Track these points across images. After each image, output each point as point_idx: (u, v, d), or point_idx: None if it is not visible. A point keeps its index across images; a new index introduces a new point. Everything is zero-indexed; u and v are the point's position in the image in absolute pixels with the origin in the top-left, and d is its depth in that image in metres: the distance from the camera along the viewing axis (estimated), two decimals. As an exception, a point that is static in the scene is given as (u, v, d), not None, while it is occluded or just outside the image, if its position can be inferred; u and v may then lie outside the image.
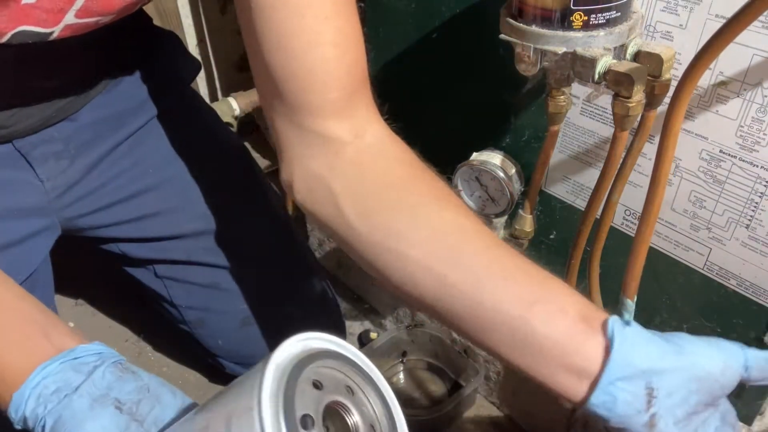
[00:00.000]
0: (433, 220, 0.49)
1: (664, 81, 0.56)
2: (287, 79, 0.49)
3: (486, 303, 0.45)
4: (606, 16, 0.55)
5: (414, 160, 0.54)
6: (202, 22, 1.35)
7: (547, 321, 0.44)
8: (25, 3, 0.51)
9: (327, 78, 0.49)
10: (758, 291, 0.67)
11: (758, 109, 0.59)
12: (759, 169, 0.61)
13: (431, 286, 0.47)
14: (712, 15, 0.58)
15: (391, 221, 0.49)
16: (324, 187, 0.51)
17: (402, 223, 0.49)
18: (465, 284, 0.46)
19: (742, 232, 0.65)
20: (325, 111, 0.51)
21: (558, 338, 0.43)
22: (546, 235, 0.85)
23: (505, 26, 0.59)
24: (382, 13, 0.89)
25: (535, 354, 0.44)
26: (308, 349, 0.35)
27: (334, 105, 0.51)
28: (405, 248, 0.48)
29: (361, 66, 0.52)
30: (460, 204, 0.53)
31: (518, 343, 0.44)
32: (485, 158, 0.76)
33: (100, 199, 0.74)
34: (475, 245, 0.48)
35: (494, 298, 0.45)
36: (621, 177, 0.62)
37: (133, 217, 0.77)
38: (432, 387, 1.01)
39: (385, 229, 0.49)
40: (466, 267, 0.46)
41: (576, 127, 0.74)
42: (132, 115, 0.75)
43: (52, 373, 0.43)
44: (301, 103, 0.50)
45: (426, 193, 0.52)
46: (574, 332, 0.43)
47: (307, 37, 0.48)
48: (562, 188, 0.80)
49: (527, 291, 0.45)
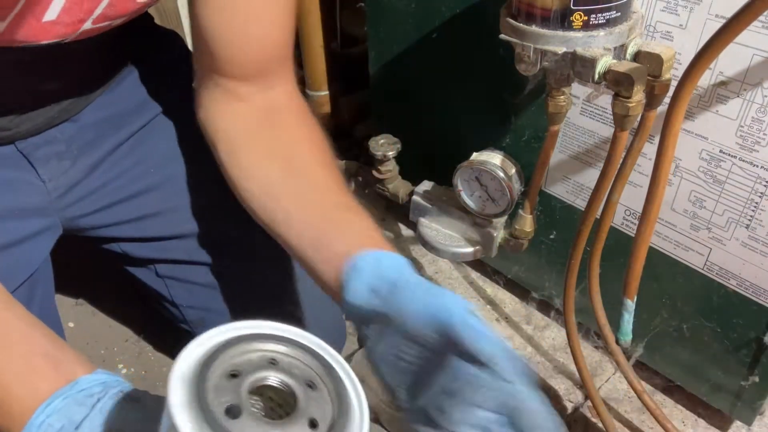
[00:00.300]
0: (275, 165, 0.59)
1: (664, 81, 0.56)
2: (223, 46, 0.59)
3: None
4: (606, 16, 0.55)
5: (303, 126, 0.63)
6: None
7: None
8: (46, 21, 0.51)
9: (255, 53, 0.60)
10: (758, 291, 0.67)
11: (758, 109, 0.59)
12: (759, 169, 0.61)
13: (267, 219, 0.59)
14: (712, 15, 0.58)
15: (246, 162, 0.60)
16: (213, 124, 0.63)
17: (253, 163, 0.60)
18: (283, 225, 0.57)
19: (742, 232, 0.65)
20: (246, 77, 0.61)
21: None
22: (546, 235, 0.85)
23: (505, 26, 0.59)
24: (382, 13, 0.89)
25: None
26: (211, 346, 0.35)
27: (255, 74, 0.61)
28: (246, 184, 0.60)
29: (288, 44, 0.62)
30: (317, 160, 0.61)
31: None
32: (485, 158, 0.76)
33: (102, 198, 0.74)
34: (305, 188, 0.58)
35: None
36: (621, 177, 0.62)
37: (134, 216, 0.77)
38: (432, 387, 1.01)
39: (240, 166, 0.61)
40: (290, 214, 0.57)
41: (576, 127, 0.74)
42: (134, 114, 0.75)
43: (56, 411, 0.42)
44: (227, 68, 0.60)
45: (291, 143, 0.61)
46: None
47: (246, 15, 0.58)
48: (562, 188, 0.80)
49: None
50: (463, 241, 0.82)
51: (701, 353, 0.76)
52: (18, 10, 0.49)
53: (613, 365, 0.87)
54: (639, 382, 0.76)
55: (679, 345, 0.78)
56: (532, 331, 0.94)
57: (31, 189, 0.69)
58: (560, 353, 0.90)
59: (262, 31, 0.60)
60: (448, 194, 0.82)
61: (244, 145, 0.61)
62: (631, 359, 0.80)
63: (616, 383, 0.86)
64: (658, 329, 0.78)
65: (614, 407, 0.83)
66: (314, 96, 1.22)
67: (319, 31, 1.14)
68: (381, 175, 0.88)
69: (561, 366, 0.88)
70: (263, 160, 0.60)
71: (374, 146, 0.86)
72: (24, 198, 0.69)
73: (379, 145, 0.85)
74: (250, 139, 0.61)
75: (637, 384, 0.76)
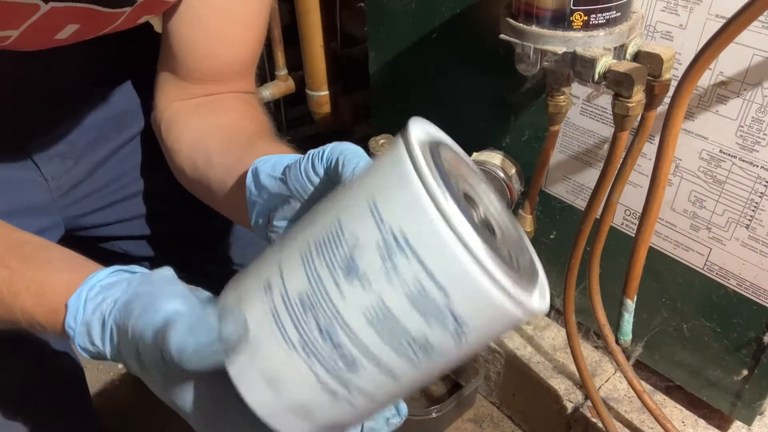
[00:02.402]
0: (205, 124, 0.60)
1: (664, 81, 0.56)
2: (188, 57, 0.61)
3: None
4: (606, 16, 0.55)
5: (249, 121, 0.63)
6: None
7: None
8: (58, 38, 0.53)
9: (217, 70, 0.62)
10: (758, 291, 0.67)
11: (758, 109, 0.59)
12: (759, 169, 0.61)
13: (191, 170, 0.59)
14: (712, 15, 0.58)
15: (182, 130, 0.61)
16: (161, 110, 0.64)
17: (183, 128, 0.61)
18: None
19: (742, 232, 0.65)
20: (203, 83, 0.63)
21: None
22: (546, 235, 0.85)
23: (505, 26, 0.59)
24: (382, 13, 0.89)
25: None
26: (432, 135, 0.32)
27: (212, 82, 0.63)
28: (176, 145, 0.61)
29: (253, 60, 0.65)
30: (247, 118, 0.61)
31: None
32: (485, 158, 0.76)
33: (104, 198, 0.75)
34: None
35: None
36: (621, 177, 0.62)
37: (135, 215, 0.77)
38: (432, 387, 1.01)
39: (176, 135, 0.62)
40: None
41: (576, 127, 0.74)
42: (135, 116, 0.75)
43: (106, 275, 0.40)
44: (186, 74, 0.62)
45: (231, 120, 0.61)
46: None
47: (214, 35, 0.60)
48: (562, 188, 0.80)
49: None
50: (463, 241, 0.82)
51: (701, 353, 0.76)
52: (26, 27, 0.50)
53: (613, 365, 0.87)
54: (639, 382, 0.76)
55: (679, 345, 0.78)
56: (532, 331, 0.94)
57: (35, 187, 0.70)
58: (560, 353, 0.90)
59: (228, 51, 0.62)
60: (448, 194, 0.83)
61: (181, 118, 0.63)
62: (631, 359, 0.80)
63: (616, 383, 0.86)
64: (658, 329, 0.78)
65: (614, 407, 0.83)
66: (314, 96, 1.22)
67: (319, 31, 1.14)
68: (381, 175, 0.88)
69: (561, 366, 0.88)
70: (194, 123, 0.61)
71: (374, 146, 0.85)
72: (28, 196, 0.69)
73: (379, 145, 0.85)
74: (187, 113, 0.63)
75: (637, 384, 0.76)
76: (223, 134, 0.58)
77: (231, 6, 0.60)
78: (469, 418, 0.97)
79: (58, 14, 0.51)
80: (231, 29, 0.61)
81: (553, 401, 0.87)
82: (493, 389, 0.97)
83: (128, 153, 0.75)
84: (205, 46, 0.61)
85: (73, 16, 0.53)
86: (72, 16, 0.53)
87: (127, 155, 0.75)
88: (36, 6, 0.49)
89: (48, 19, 0.51)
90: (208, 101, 0.63)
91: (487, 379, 0.97)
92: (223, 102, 0.63)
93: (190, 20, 0.59)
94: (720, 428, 0.80)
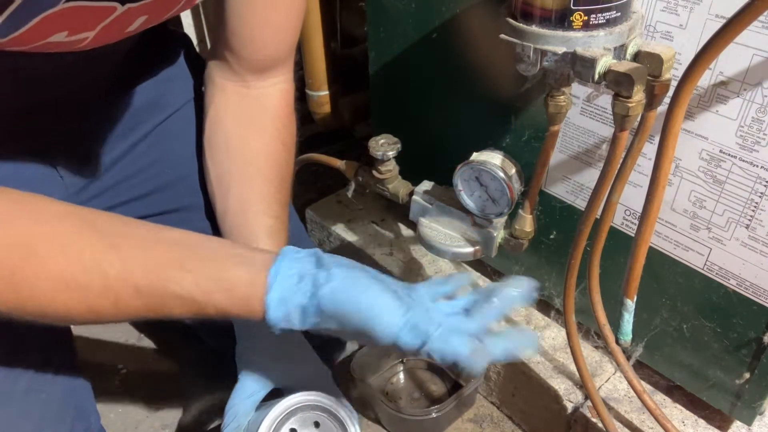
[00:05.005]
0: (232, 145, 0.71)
1: (664, 81, 0.56)
2: (244, 43, 0.68)
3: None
4: (606, 16, 0.55)
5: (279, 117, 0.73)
6: (202, 22, 1.35)
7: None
8: (128, 31, 0.55)
9: (268, 49, 0.70)
10: (758, 291, 0.67)
11: (758, 109, 0.59)
12: (759, 169, 0.61)
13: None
14: (712, 15, 0.58)
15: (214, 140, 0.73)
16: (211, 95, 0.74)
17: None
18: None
19: (742, 232, 0.65)
20: (255, 70, 0.71)
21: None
22: (546, 235, 0.85)
23: (505, 26, 0.59)
24: (382, 13, 0.89)
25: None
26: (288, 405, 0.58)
27: (264, 67, 0.71)
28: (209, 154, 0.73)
29: (293, 43, 0.72)
30: (273, 144, 0.72)
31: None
32: (485, 158, 0.76)
33: (116, 196, 0.76)
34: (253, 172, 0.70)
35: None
36: (621, 177, 0.62)
37: (147, 213, 0.78)
38: (432, 387, 1.01)
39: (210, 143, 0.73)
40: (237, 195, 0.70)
41: (576, 127, 0.74)
42: (148, 114, 0.76)
43: (298, 259, 0.49)
44: (245, 62, 0.70)
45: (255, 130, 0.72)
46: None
47: (262, 19, 0.68)
48: (562, 188, 0.80)
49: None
50: (463, 241, 0.82)
51: (701, 353, 0.76)
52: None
53: (613, 365, 0.87)
54: (639, 382, 0.76)
55: (679, 345, 0.78)
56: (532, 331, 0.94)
57: (50, 183, 0.71)
58: (560, 353, 0.90)
59: (274, 36, 0.70)
60: (448, 194, 0.82)
61: (220, 130, 0.72)
62: (631, 359, 0.80)
63: (616, 383, 0.86)
64: (658, 329, 0.78)
65: (614, 407, 0.83)
66: (314, 96, 1.22)
67: (319, 31, 1.14)
68: (381, 175, 0.88)
69: (561, 366, 0.88)
70: (227, 142, 0.72)
71: (374, 146, 0.85)
72: (43, 192, 0.70)
73: (379, 145, 0.85)
74: (227, 124, 0.72)
75: (637, 384, 0.76)
76: (243, 175, 0.70)
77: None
78: (469, 418, 0.97)
79: (132, 12, 0.53)
80: (275, 15, 0.68)
81: (553, 401, 0.87)
82: (493, 389, 0.97)
83: (142, 151, 0.76)
84: (257, 24, 0.68)
85: (145, 10, 0.54)
86: (144, 10, 0.54)
87: (141, 154, 0.76)
88: (113, 8, 0.51)
89: (122, 17, 0.52)
90: (250, 106, 0.72)
91: (487, 379, 0.97)
92: (261, 116, 0.72)
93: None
94: (720, 428, 0.80)
